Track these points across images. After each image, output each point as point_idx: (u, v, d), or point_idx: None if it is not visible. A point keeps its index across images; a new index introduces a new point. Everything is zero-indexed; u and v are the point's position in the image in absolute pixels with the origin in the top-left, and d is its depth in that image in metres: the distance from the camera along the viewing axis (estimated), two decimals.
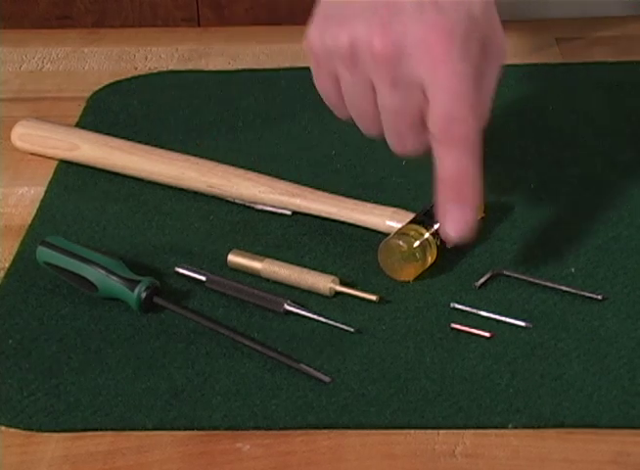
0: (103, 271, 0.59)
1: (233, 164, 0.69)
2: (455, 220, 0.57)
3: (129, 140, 0.72)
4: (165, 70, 0.85)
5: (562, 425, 0.51)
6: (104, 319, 0.59)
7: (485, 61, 0.58)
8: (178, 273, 0.61)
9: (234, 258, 0.62)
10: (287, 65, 0.85)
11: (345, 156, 0.72)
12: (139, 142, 0.71)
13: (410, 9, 0.56)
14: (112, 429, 0.52)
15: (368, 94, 0.59)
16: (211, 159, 0.69)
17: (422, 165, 0.70)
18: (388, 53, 0.56)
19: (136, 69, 0.85)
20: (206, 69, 0.85)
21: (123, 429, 0.52)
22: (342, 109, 0.61)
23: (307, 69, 0.85)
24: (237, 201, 0.67)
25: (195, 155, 0.70)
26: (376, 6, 0.57)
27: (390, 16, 0.56)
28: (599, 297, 0.58)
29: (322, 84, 0.61)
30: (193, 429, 0.52)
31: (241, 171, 0.68)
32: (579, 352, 0.55)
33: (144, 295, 0.58)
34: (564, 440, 0.50)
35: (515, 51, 0.84)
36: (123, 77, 0.83)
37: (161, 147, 0.71)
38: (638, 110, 0.76)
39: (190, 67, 0.85)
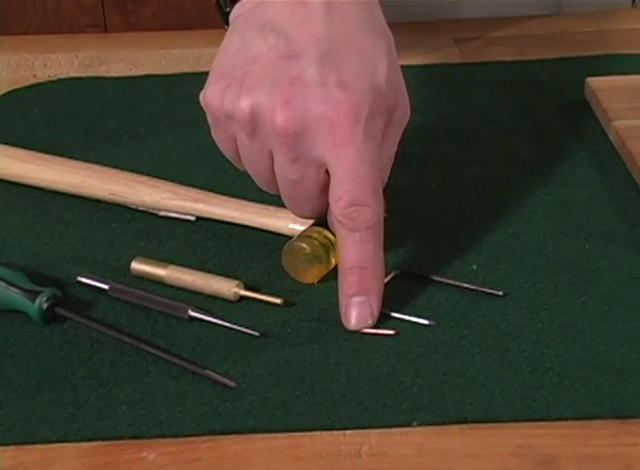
0: (2, 283, 0.58)
1: (135, 171, 0.68)
2: (358, 312, 0.57)
3: (28, 149, 0.70)
4: (65, 77, 0.83)
5: (465, 421, 0.51)
6: (4, 332, 0.58)
7: (389, 127, 0.59)
8: (80, 283, 0.61)
9: (137, 266, 0.62)
10: (189, 69, 0.84)
11: None
12: (39, 151, 0.70)
13: (314, 85, 0.55)
14: (13, 443, 0.51)
15: (265, 160, 0.58)
16: (113, 166, 0.69)
17: None
18: (290, 129, 0.55)
19: (35, 76, 0.84)
20: (107, 75, 0.84)
21: (26, 443, 0.51)
22: (238, 163, 0.61)
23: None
24: (140, 208, 0.67)
25: (96, 162, 0.69)
26: (279, 77, 0.56)
27: (294, 90, 0.55)
28: (500, 293, 0.59)
29: (218, 140, 0.61)
30: (97, 439, 0.51)
31: (143, 178, 0.67)
32: (481, 347, 0.56)
33: (45, 306, 0.57)
34: (467, 435, 0.51)
35: (414, 52, 0.85)
36: (22, 85, 0.82)
37: (62, 155, 0.70)
38: (535, 108, 0.77)
39: (90, 73, 0.84)
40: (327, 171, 0.57)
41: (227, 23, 0.63)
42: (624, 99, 0.74)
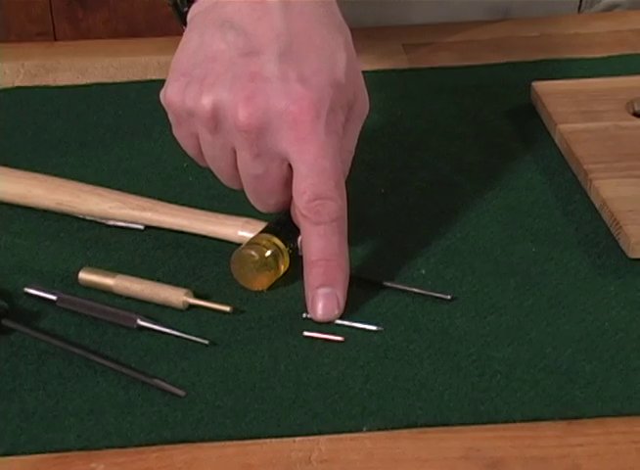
0: None
1: (83, 181, 0.68)
2: (325, 303, 0.57)
3: None
4: (11, 86, 0.83)
5: (414, 425, 0.52)
6: None
7: (349, 120, 0.59)
8: (28, 294, 0.60)
9: (85, 276, 0.61)
10: (137, 78, 0.84)
11: (198, 167, 0.71)
12: None
13: (275, 80, 0.56)
14: None
15: (228, 157, 0.59)
16: (60, 176, 0.68)
17: None
18: (252, 124, 0.56)
19: None
20: (54, 84, 0.83)
21: None
22: (201, 160, 0.61)
23: (158, 81, 0.85)
24: (88, 217, 0.67)
25: (43, 172, 0.68)
26: (240, 74, 0.56)
27: (255, 86, 0.56)
28: (448, 297, 0.60)
29: (180, 138, 0.61)
30: (45, 452, 0.51)
31: (90, 187, 0.67)
32: (430, 352, 0.56)
33: None
34: (416, 439, 0.51)
35: (363, 58, 0.85)
36: None
37: (8, 165, 0.69)
38: (482, 112, 0.78)
39: (37, 82, 0.83)
40: (290, 166, 0.58)
41: (185, 24, 0.63)
42: (569, 103, 0.75)
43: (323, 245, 0.57)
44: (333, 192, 0.57)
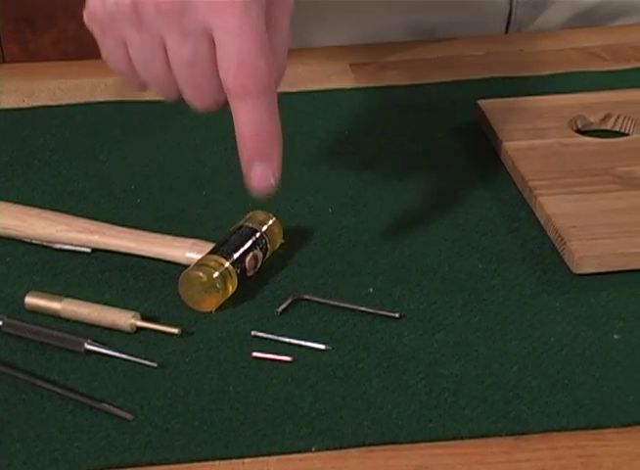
0: None
1: (29, 204, 0.67)
2: (260, 178, 0.57)
3: None
4: None
5: (363, 444, 0.52)
6: None
7: (274, 5, 0.58)
8: None
9: (31, 300, 0.61)
10: (83, 100, 0.84)
11: (145, 189, 0.72)
12: None
13: None
14: None
15: (158, 53, 0.58)
16: (6, 199, 0.68)
17: (220, 198, 0.71)
18: (173, 3, 0.55)
19: None
20: None
21: None
22: (133, 76, 0.61)
23: (105, 103, 0.84)
24: (34, 241, 0.66)
25: None
26: None
27: None
28: (396, 315, 0.60)
29: (110, 53, 0.60)
30: None
31: (37, 211, 0.67)
32: (379, 370, 0.56)
33: None
34: (365, 458, 0.51)
35: (310, 77, 0.86)
36: None
37: None
38: (429, 130, 0.78)
39: None
40: None
41: None
42: (514, 120, 0.75)
43: (252, 119, 0.57)
44: (259, 59, 0.56)
